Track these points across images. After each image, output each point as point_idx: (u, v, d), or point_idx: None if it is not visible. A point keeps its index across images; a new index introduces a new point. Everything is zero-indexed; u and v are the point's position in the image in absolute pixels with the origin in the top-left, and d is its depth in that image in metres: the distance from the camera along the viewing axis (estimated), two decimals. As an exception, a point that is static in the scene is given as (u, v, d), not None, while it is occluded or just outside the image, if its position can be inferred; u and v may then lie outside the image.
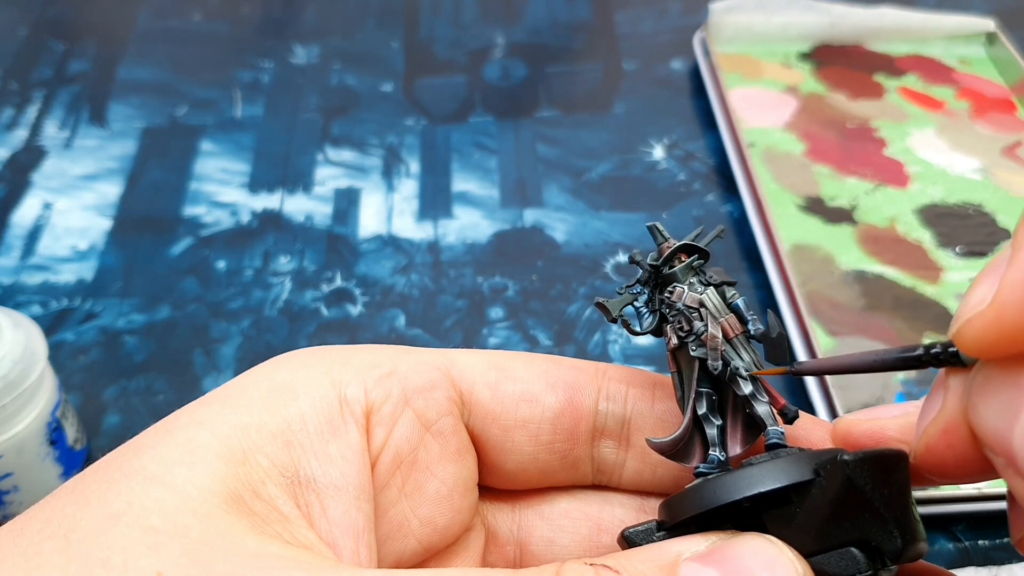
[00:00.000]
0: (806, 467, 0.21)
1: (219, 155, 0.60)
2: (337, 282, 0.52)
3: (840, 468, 0.20)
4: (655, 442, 0.23)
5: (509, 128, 0.61)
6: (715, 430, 0.23)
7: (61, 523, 0.18)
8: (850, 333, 0.47)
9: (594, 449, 0.25)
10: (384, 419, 0.23)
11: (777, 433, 0.22)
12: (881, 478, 0.20)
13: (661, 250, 0.24)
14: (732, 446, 0.23)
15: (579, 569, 0.19)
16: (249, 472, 0.20)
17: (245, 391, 0.22)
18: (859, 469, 0.20)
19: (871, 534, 0.20)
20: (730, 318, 0.23)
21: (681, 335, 0.23)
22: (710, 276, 0.24)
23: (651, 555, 0.20)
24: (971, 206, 0.54)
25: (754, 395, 0.23)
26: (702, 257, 0.24)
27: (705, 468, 0.23)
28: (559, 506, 0.26)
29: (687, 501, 0.21)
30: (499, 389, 0.25)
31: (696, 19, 0.69)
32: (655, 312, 0.24)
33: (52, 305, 0.51)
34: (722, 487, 0.21)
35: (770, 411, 0.23)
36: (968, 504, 0.40)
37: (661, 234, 0.24)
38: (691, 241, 0.24)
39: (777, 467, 0.21)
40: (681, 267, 0.23)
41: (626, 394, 0.25)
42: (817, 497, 0.20)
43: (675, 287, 0.23)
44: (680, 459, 0.23)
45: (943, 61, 0.64)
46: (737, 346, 0.23)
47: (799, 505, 0.20)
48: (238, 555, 0.18)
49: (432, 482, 0.24)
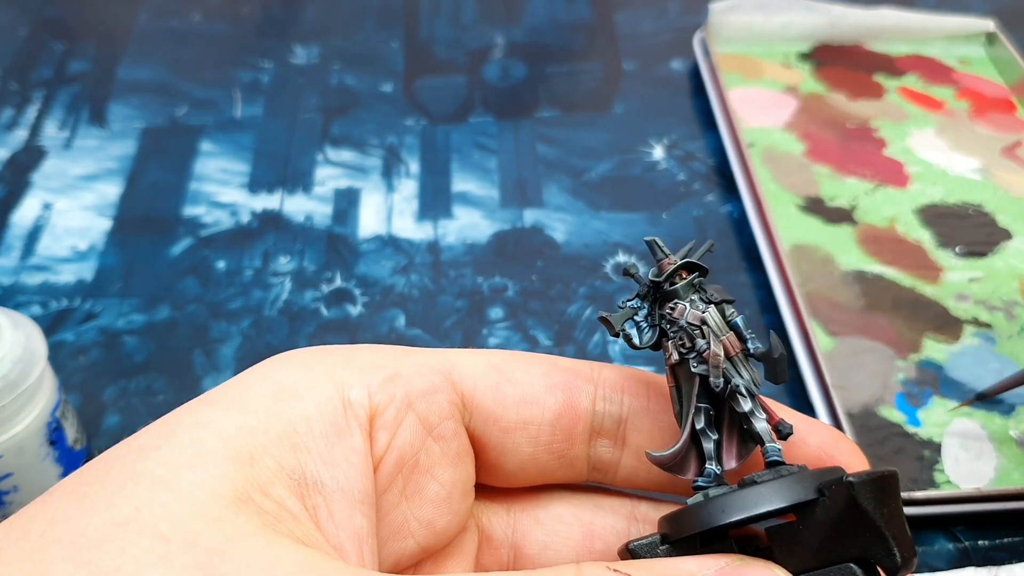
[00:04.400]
0: (810, 486, 0.21)
1: (219, 155, 0.60)
2: (337, 282, 0.52)
3: (845, 488, 0.21)
4: (655, 456, 0.24)
5: (509, 128, 0.61)
6: (712, 444, 0.24)
7: (67, 527, 0.18)
8: (850, 333, 0.47)
9: (591, 448, 0.26)
10: (387, 423, 0.23)
11: (775, 450, 0.23)
12: (881, 497, 0.21)
13: (661, 266, 0.24)
14: (727, 460, 0.24)
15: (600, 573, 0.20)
16: (257, 473, 0.20)
17: (248, 391, 0.22)
18: (863, 489, 0.21)
19: (871, 551, 0.21)
20: (730, 336, 0.23)
21: (682, 351, 0.23)
22: (711, 294, 0.24)
23: (666, 570, 0.21)
24: (971, 206, 0.54)
25: (753, 412, 0.23)
26: (702, 274, 0.24)
27: (703, 482, 0.23)
28: (554, 511, 0.26)
29: (694, 517, 0.22)
30: (500, 391, 0.25)
31: (696, 19, 0.69)
32: (655, 327, 0.24)
33: (52, 305, 0.51)
34: (730, 504, 0.21)
35: (768, 428, 0.23)
36: (968, 504, 0.40)
37: (661, 250, 0.24)
38: (683, 256, 0.24)
39: (782, 486, 0.21)
40: (683, 284, 0.24)
41: (622, 395, 0.26)
42: (821, 515, 0.21)
43: (676, 304, 0.24)
44: (677, 471, 0.24)
45: (943, 61, 0.64)
46: (737, 364, 0.23)
47: (802, 522, 0.21)
48: (248, 561, 0.18)
49: (432, 485, 0.24)
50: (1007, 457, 0.42)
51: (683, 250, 0.24)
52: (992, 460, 0.42)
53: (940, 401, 0.44)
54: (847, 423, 0.42)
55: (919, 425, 0.43)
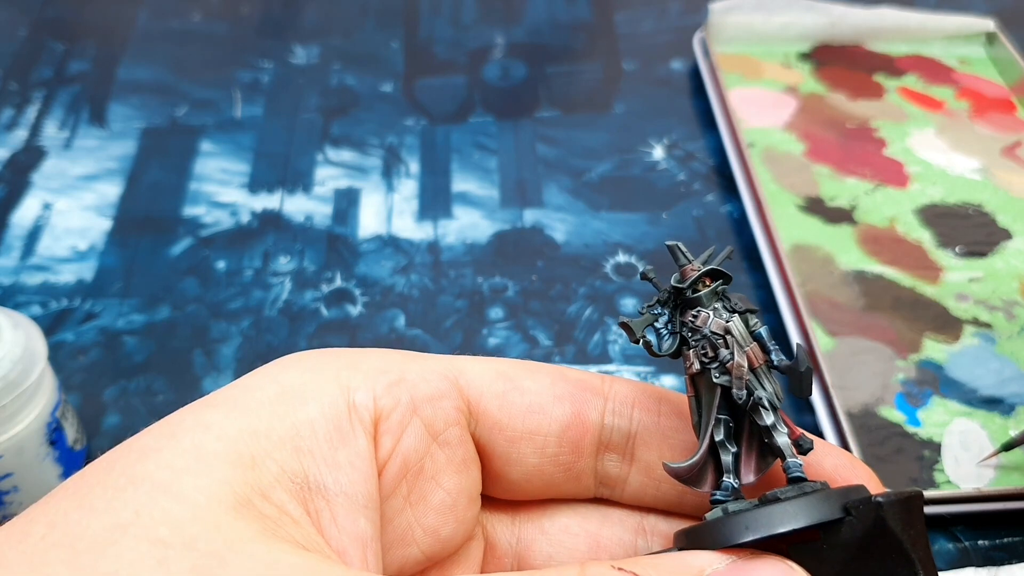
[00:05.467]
0: (836, 505, 0.21)
1: (219, 155, 0.60)
2: (337, 282, 0.52)
3: (873, 509, 0.20)
4: (672, 467, 0.23)
5: (509, 128, 0.61)
6: (730, 457, 0.23)
7: (67, 530, 0.18)
8: (850, 333, 0.47)
9: (598, 463, 0.25)
10: (392, 427, 0.23)
11: (797, 465, 0.22)
12: (908, 519, 0.21)
13: (684, 272, 0.23)
14: (746, 474, 0.23)
15: (605, 572, 0.19)
16: (259, 477, 0.20)
17: (252, 394, 0.22)
18: (891, 510, 0.20)
19: (895, 573, 0.21)
20: (754, 347, 0.23)
21: (704, 361, 0.23)
22: (735, 303, 0.23)
23: (674, 565, 0.20)
24: (971, 206, 0.54)
25: (775, 426, 0.23)
26: (725, 282, 0.23)
27: (721, 496, 0.23)
28: (559, 521, 0.26)
29: (716, 532, 0.21)
30: (507, 400, 0.24)
31: (696, 19, 0.69)
32: (675, 334, 0.24)
33: (52, 305, 0.51)
34: (753, 521, 0.21)
35: (788, 443, 0.23)
36: (968, 504, 0.40)
37: (685, 255, 0.24)
38: (704, 262, 0.23)
39: (808, 504, 0.21)
40: (706, 292, 0.23)
41: (632, 409, 0.25)
42: (846, 535, 0.21)
43: (699, 312, 0.23)
44: (693, 484, 0.23)
45: (943, 61, 0.64)
46: (760, 376, 0.23)
47: (826, 541, 0.21)
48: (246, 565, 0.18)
49: (437, 492, 0.24)
50: (1007, 457, 0.42)
51: (703, 255, 0.24)
52: (992, 460, 0.42)
53: (940, 401, 0.44)
54: (847, 423, 0.42)
55: (919, 425, 0.43)
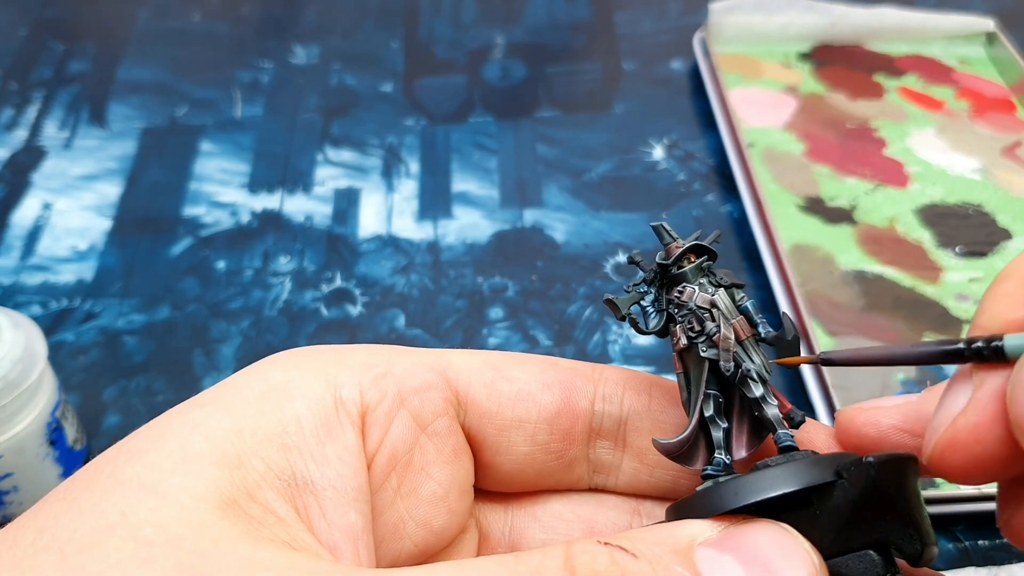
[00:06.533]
0: (827, 469, 0.20)
1: (219, 155, 0.60)
2: (337, 282, 0.52)
3: (865, 470, 0.20)
4: (661, 443, 0.23)
5: (509, 128, 0.61)
6: (721, 433, 0.23)
7: (56, 533, 0.18)
8: (850, 333, 0.47)
9: (590, 450, 0.25)
10: (379, 420, 0.23)
11: (788, 436, 0.22)
12: (901, 480, 0.20)
13: (669, 250, 0.23)
14: (737, 449, 0.23)
15: (591, 549, 0.19)
16: (244, 476, 0.20)
17: (239, 392, 0.22)
18: (883, 470, 0.20)
19: (891, 537, 0.20)
20: (741, 320, 0.23)
21: (691, 335, 0.23)
22: (720, 278, 0.23)
23: (663, 536, 0.20)
24: (971, 206, 0.54)
25: (764, 398, 0.22)
26: (711, 258, 0.23)
27: (712, 471, 0.23)
28: (552, 508, 0.26)
29: (705, 501, 0.21)
30: (495, 388, 0.24)
31: (696, 19, 0.69)
32: (662, 312, 0.24)
33: (52, 305, 0.51)
34: (743, 487, 0.20)
35: (779, 415, 0.22)
36: (968, 504, 0.40)
37: (669, 234, 0.24)
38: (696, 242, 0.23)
39: (798, 468, 0.20)
40: (691, 267, 0.23)
41: (622, 395, 0.25)
42: (839, 498, 0.20)
43: (685, 287, 0.23)
44: (684, 461, 0.23)
45: (943, 61, 0.64)
46: (748, 348, 0.23)
47: (819, 507, 0.20)
48: (231, 564, 0.18)
49: (428, 483, 0.24)
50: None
51: (691, 237, 0.24)
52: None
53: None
54: (847, 423, 0.42)
55: (919, 425, 0.43)
